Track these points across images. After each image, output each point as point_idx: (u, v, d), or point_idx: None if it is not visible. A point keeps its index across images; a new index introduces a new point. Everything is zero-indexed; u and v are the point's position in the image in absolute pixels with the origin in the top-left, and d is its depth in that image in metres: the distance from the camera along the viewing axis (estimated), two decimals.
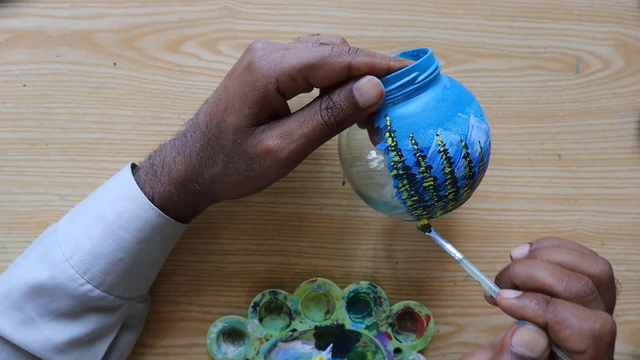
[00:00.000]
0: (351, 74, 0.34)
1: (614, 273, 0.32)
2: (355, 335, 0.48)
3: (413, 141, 0.34)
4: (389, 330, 0.48)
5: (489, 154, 0.38)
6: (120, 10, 0.47)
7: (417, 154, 0.34)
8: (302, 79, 0.34)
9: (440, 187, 0.35)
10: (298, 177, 0.48)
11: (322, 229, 0.49)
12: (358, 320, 0.48)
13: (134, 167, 0.41)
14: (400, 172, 0.35)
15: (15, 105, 0.46)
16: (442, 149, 0.34)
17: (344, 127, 0.35)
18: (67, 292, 0.38)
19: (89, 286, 0.38)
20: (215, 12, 0.47)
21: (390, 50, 0.48)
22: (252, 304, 0.47)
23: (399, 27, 0.48)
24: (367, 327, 0.48)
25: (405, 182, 0.35)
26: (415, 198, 0.36)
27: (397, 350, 0.48)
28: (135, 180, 0.39)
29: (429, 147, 0.34)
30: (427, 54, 0.35)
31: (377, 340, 0.48)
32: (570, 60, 0.50)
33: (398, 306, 0.48)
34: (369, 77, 0.34)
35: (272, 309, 0.48)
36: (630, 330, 0.50)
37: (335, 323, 0.47)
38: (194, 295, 0.48)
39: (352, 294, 0.47)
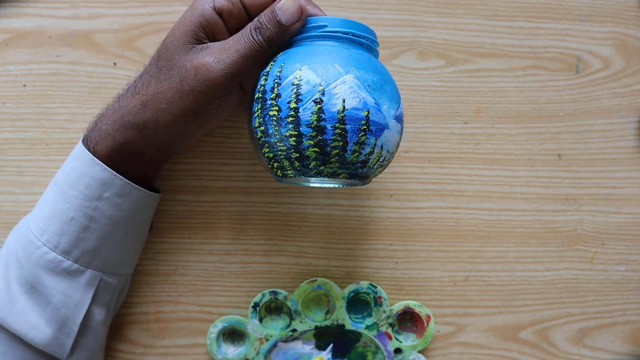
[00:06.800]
0: None
1: (614, 273, 0.32)
2: (356, 336, 0.48)
3: (279, 69, 0.36)
4: (389, 331, 0.48)
5: (363, 130, 0.34)
6: (120, 10, 0.47)
7: (275, 80, 0.35)
8: None
9: (282, 121, 0.35)
10: None
11: (322, 229, 0.49)
12: (358, 320, 0.48)
13: None
14: (259, 95, 0.36)
15: (15, 105, 0.46)
16: (296, 82, 0.35)
17: (272, 45, 0.37)
18: (29, 258, 0.39)
19: (45, 249, 0.39)
20: None
21: (390, 51, 0.48)
22: (252, 304, 0.47)
23: (399, 27, 0.48)
24: (367, 327, 0.48)
25: (259, 106, 0.36)
26: (262, 128, 0.36)
27: (398, 351, 0.48)
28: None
29: (287, 77, 0.35)
30: (345, 19, 0.37)
31: (377, 341, 0.48)
32: (570, 60, 0.50)
33: (398, 306, 0.48)
34: None
35: (272, 309, 0.48)
36: (630, 330, 0.50)
37: (336, 323, 0.47)
38: (194, 295, 0.48)
39: (352, 294, 0.47)
